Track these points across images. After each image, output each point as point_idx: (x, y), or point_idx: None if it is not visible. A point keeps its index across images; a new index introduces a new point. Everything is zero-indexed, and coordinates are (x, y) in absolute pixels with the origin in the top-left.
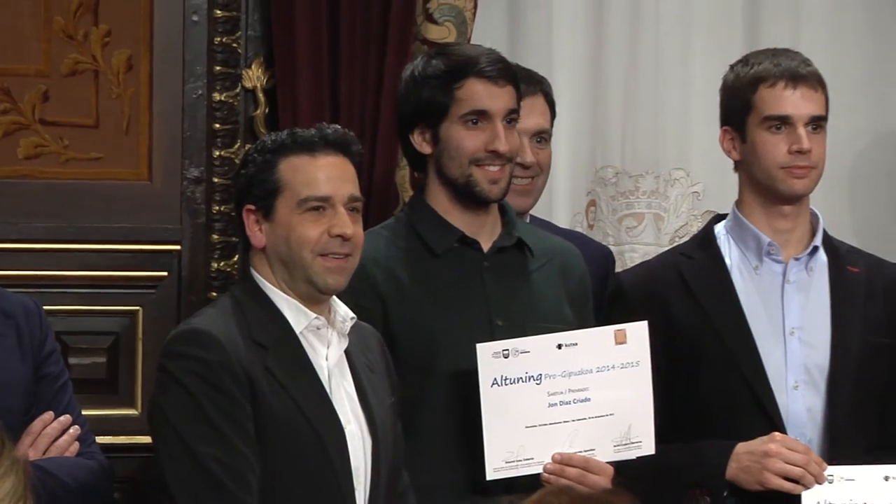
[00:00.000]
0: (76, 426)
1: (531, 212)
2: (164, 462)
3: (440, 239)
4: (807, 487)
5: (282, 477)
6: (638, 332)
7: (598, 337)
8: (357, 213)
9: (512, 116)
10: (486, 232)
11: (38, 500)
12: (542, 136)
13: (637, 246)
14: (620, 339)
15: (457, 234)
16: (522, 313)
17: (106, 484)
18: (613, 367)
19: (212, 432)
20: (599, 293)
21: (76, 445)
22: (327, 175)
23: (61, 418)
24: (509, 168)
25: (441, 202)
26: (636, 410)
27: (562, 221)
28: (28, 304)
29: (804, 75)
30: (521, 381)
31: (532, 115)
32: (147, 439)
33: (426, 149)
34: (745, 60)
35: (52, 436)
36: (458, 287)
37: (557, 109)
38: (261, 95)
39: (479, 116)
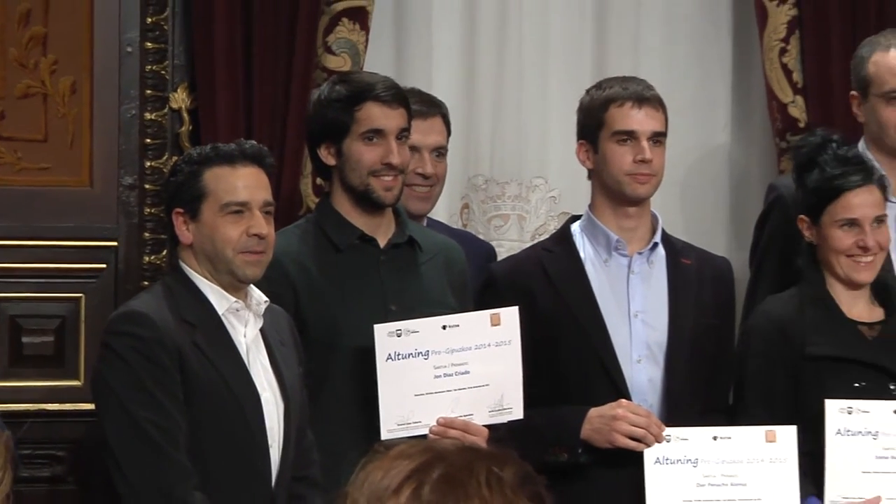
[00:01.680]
0: None
1: (432, 216)
2: (106, 424)
3: (343, 237)
4: (648, 446)
5: (207, 436)
6: (510, 315)
7: (477, 319)
8: (270, 216)
9: (403, 134)
10: (382, 231)
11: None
12: (440, 151)
13: (504, 242)
14: (495, 322)
15: (357, 233)
16: (413, 299)
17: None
18: (489, 345)
19: (147, 398)
20: None
21: None
22: (245, 183)
23: None
24: (401, 178)
25: (344, 206)
26: (508, 382)
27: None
28: None
29: (648, 98)
30: (411, 356)
31: (432, 133)
32: (89, 406)
33: (331, 161)
34: (598, 85)
35: None
36: (358, 277)
37: None
38: (185, 115)
39: (376, 134)
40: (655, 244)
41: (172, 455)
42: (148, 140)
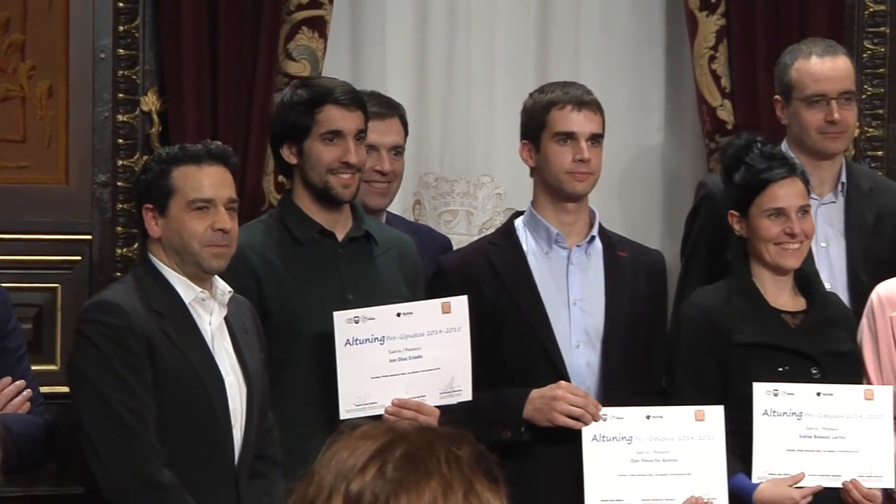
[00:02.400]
0: (28, 389)
1: (390, 210)
2: (79, 406)
3: (304, 231)
4: (586, 424)
5: (174, 417)
6: (460, 304)
7: (429, 307)
8: (234, 212)
9: (361, 135)
10: (340, 226)
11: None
12: (398, 150)
13: (453, 236)
14: (446, 310)
15: (317, 227)
16: (369, 289)
17: (49, 435)
18: (440, 332)
19: (118, 382)
20: None
21: (28, 405)
22: (211, 181)
23: (17, 382)
24: (358, 176)
25: (304, 202)
26: (458, 365)
27: None
28: None
29: (587, 102)
30: (368, 341)
31: (389, 133)
32: (65, 389)
33: (293, 160)
34: (541, 89)
35: (9, 395)
36: (318, 269)
37: None
38: (155, 117)
39: (335, 135)
40: (593, 237)
41: (142, 435)
42: (120, 140)
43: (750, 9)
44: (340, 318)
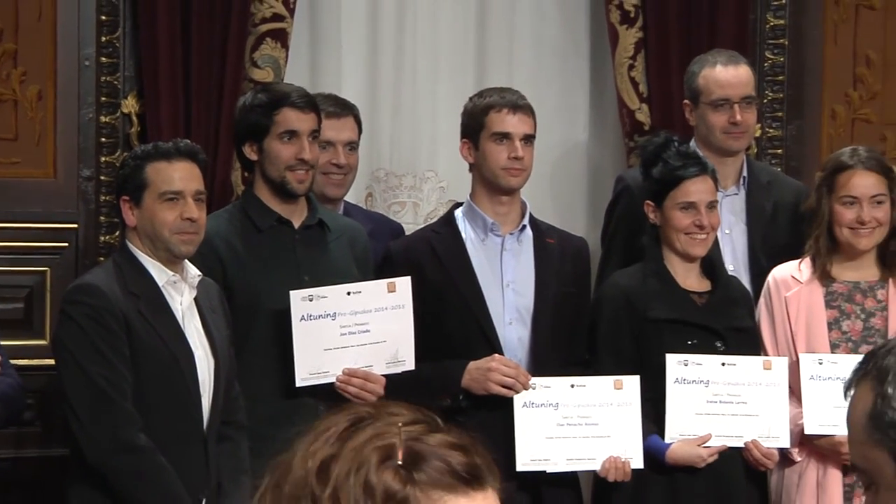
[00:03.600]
0: None
1: (347, 199)
2: (63, 378)
3: (264, 219)
4: (517, 392)
5: (149, 388)
6: (404, 284)
7: (376, 287)
8: (202, 203)
9: (314, 134)
10: (296, 215)
11: None
12: (352, 146)
13: (401, 224)
14: (391, 289)
15: (275, 216)
16: (322, 271)
17: (20, 394)
18: (386, 309)
19: (98, 356)
20: None
21: None
22: (180, 175)
23: None
24: (312, 171)
25: (264, 194)
26: (401, 338)
27: None
28: None
29: (521, 105)
30: (321, 317)
31: (345, 130)
32: (52, 362)
33: (254, 157)
34: (480, 94)
35: None
36: (276, 253)
37: None
38: (134, 118)
39: (291, 135)
40: (524, 226)
41: (120, 402)
42: (103, 139)
43: (664, 23)
44: (296, 296)
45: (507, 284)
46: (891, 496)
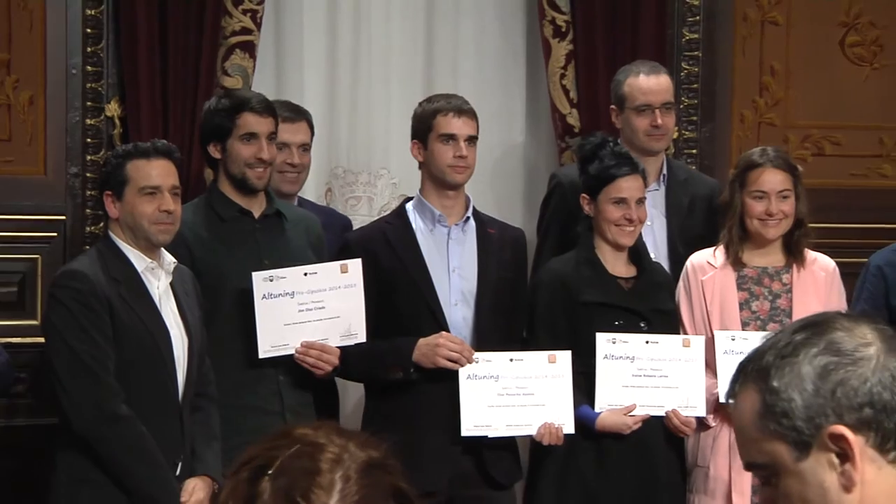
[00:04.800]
0: None
1: (302, 195)
2: (52, 356)
3: (227, 211)
4: (462, 366)
5: (130, 364)
6: (355, 265)
7: (330, 268)
8: (177, 197)
9: (272, 136)
10: (256, 206)
11: None
12: (305, 147)
13: (357, 217)
14: (344, 270)
15: (237, 208)
16: (281, 255)
17: (9, 369)
18: (339, 288)
19: (84, 335)
20: None
21: None
22: (158, 172)
23: None
24: (269, 169)
25: (227, 189)
26: (353, 314)
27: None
28: None
29: (466, 110)
30: (280, 296)
31: (299, 133)
32: (43, 340)
33: (217, 155)
34: (428, 99)
35: None
36: (239, 239)
37: None
38: (117, 121)
39: (251, 136)
40: (468, 218)
41: (103, 377)
42: (89, 140)
43: (592, 37)
44: (258, 277)
45: (453, 270)
46: (794, 480)
